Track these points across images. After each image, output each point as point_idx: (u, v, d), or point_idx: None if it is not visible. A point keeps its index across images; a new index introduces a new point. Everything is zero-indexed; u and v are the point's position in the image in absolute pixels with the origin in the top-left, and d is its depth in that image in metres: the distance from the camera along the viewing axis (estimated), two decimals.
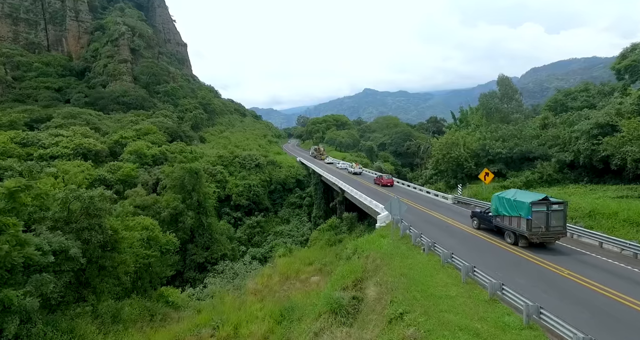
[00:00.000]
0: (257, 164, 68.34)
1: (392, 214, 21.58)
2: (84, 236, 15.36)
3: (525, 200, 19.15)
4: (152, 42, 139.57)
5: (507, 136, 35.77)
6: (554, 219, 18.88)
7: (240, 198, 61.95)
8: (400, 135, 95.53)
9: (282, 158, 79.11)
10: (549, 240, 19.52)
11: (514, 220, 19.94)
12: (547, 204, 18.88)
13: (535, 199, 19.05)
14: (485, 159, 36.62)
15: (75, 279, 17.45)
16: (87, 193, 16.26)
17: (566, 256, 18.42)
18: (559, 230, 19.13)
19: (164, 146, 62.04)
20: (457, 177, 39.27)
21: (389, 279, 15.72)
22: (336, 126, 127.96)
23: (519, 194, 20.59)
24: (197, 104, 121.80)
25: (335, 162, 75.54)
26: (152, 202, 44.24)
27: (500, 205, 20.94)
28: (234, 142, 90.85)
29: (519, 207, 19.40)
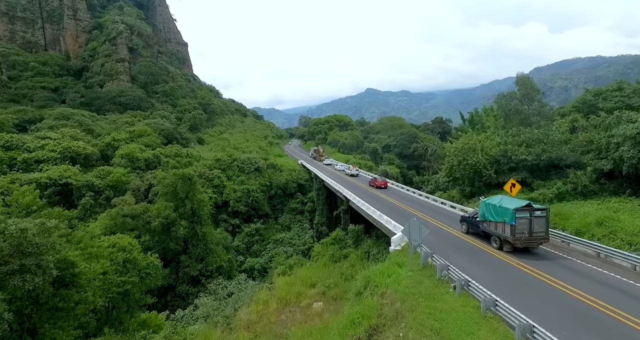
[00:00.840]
0: (257, 167, 64.59)
1: (412, 240, 17.77)
2: (14, 282, 11.71)
3: (509, 207, 19.60)
4: (151, 41, 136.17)
5: (531, 141, 31.78)
6: (537, 225, 19.36)
7: (239, 204, 58.22)
8: (405, 137, 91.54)
9: (283, 161, 75.38)
10: (532, 245, 19.95)
11: (499, 226, 20.46)
12: (530, 211, 19.34)
13: (518, 206, 19.51)
14: (506, 166, 32.68)
15: (18, 326, 13.71)
16: (17, 225, 12.48)
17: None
18: (541, 236, 19.59)
19: (158, 149, 58.37)
20: (473, 185, 35.36)
21: (415, 336, 11.93)
22: (339, 127, 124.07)
23: (505, 201, 20.91)
24: (197, 104, 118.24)
25: (333, 163, 75.20)
26: (141, 211, 40.56)
27: (487, 210, 21.44)
28: (233, 144, 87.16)
29: (504, 213, 19.84)
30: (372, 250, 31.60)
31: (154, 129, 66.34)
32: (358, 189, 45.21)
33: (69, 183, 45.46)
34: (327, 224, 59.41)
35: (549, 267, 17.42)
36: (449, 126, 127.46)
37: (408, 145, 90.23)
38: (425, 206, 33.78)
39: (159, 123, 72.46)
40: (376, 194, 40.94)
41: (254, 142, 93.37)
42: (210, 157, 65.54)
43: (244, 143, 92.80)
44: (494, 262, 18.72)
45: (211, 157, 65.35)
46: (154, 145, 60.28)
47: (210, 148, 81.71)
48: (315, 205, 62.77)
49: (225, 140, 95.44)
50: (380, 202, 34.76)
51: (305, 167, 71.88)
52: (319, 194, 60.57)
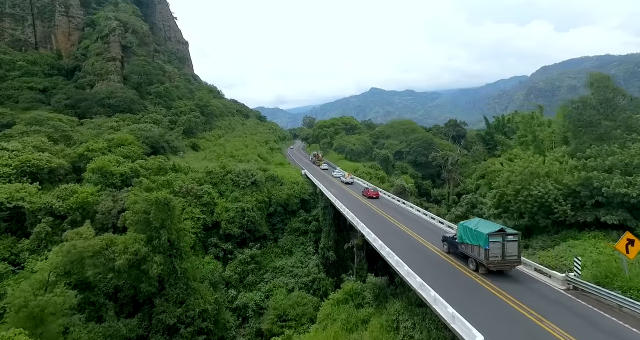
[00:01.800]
0: (254, 181, 55.48)
1: None
2: None
3: (483, 231, 20.33)
4: (147, 39, 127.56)
5: (629, 166, 22.29)
6: (509, 249, 20.00)
7: (231, 226, 49.15)
8: (419, 143, 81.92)
9: (285, 171, 66.20)
10: (505, 268, 20.46)
11: (475, 249, 21.13)
12: (502, 235, 20.09)
13: (492, 230, 20.22)
14: (591, 200, 23.24)
15: None
16: None
17: None
18: (514, 259, 20.24)
19: (138, 162, 49.42)
20: (536, 222, 25.91)
21: None
22: (345, 130, 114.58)
23: (480, 224, 21.65)
24: (194, 106, 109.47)
25: (330, 169, 74.05)
26: (102, 247, 31.69)
27: (464, 233, 22.09)
28: (229, 151, 78.11)
29: (479, 237, 20.59)
30: (401, 317, 22.35)
31: (137, 137, 57.45)
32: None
33: (20, 206, 36.74)
34: (335, 248, 50.27)
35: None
36: (463, 129, 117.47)
37: (423, 152, 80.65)
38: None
39: (145, 129, 63.56)
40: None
41: (253, 148, 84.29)
42: (201, 169, 56.56)
43: (242, 149, 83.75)
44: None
45: (202, 168, 56.37)
46: (135, 156, 51.37)
47: (204, 156, 72.75)
48: (321, 224, 53.59)
49: (222, 146, 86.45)
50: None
51: (309, 179, 62.71)
52: (325, 213, 51.38)
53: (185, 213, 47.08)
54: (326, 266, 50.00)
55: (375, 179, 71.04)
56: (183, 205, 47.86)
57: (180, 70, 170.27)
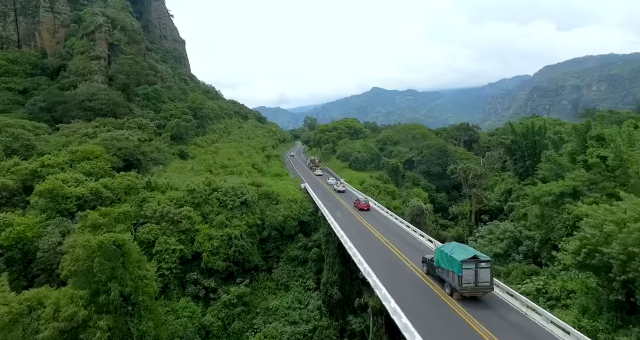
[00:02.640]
0: (244, 200, 46.31)
1: None
2: None
3: (457, 258, 20.18)
4: (138, 36, 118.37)
5: None
6: (482, 276, 20.04)
7: (215, 258, 40.06)
8: (432, 151, 72.54)
9: (281, 185, 56.98)
10: (478, 294, 20.37)
11: (450, 274, 20.92)
12: (476, 262, 20.01)
13: (465, 257, 20.11)
14: None
15: None
16: None
17: None
18: (486, 286, 20.29)
19: (103, 180, 40.37)
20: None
21: None
22: (349, 134, 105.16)
23: (456, 250, 21.53)
24: (186, 108, 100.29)
25: (325, 174, 72.18)
26: (20, 313, 22.69)
27: (441, 258, 22.20)
28: (220, 160, 68.91)
29: (453, 263, 20.43)
30: None
31: (108, 148, 48.30)
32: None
33: None
34: (340, 284, 41.18)
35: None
36: (475, 133, 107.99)
37: (436, 161, 71.32)
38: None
39: (119, 138, 54.21)
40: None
41: (247, 157, 75.01)
42: (183, 185, 47.42)
43: (235, 159, 74.67)
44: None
45: (185, 185, 47.24)
46: (100, 173, 42.27)
47: (192, 167, 63.56)
48: (323, 252, 44.49)
49: (214, 154, 77.31)
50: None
51: (310, 195, 53.58)
52: (329, 241, 42.25)
53: (158, 244, 38.06)
54: (329, 305, 40.90)
55: (384, 193, 61.88)
56: (155, 234, 38.87)
57: (176, 69, 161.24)
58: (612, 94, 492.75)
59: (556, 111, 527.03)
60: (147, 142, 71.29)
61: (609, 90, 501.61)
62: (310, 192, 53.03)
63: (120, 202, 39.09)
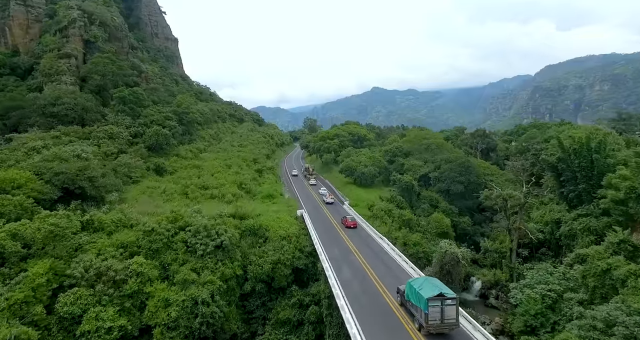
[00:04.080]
0: (220, 244, 34.41)
1: None
2: None
3: (424, 295, 20.59)
4: (120, 33, 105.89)
5: None
6: (448, 313, 20.35)
7: (173, 335, 28.19)
8: (453, 167, 60.34)
9: (272, 214, 44.84)
10: (443, 331, 20.66)
11: (418, 310, 21.38)
12: (442, 300, 20.34)
13: (431, 295, 20.43)
14: None
15: None
16: None
17: None
18: (452, 323, 20.58)
19: (12, 225, 28.36)
20: None
21: None
22: (352, 141, 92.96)
23: (424, 286, 21.70)
24: (171, 113, 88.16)
25: (319, 184, 70.28)
26: None
27: (410, 292, 22.38)
28: (201, 179, 56.59)
29: (420, 299, 20.88)
30: None
31: (41, 172, 36.09)
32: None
33: None
34: None
35: None
36: (493, 141, 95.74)
37: (458, 179, 59.17)
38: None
39: (66, 155, 41.83)
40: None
41: (235, 174, 62.62)
42: (142, 221, 35.40)
43: (221, 174, 62.60)
44: None
45: (143, 221, 35.23)
46: (15, 213, 30.25)
47: (163, 189, 51.37)
48: (323, 315, 32.64)
49: (197, 168, 65.13)
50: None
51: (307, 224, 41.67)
52: (331, 306, 30.37)
53: (86, 320, 26.05)
54: None
55: (398, 220, 49.87)
56: (85, 303, 26.86)
57: (167, 69, 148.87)
58: (615, 93, 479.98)
59: (558, 111, 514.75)
60: (113, 156, 59.32)
61: (612, 90, 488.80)
62: (309, 227, 40.98)
63: (34, 257, 27.10)
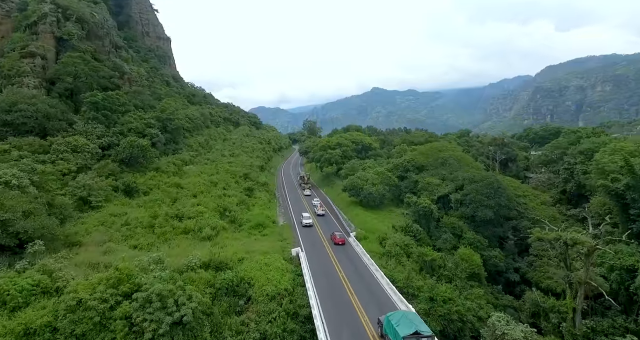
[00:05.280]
0: (180, 319, 23.90)
1: None
2: None
3: (400, 333, 20.22)
4: (101, 30, 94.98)
5: None
6: None
7: None
8: (479, 188, 49.59)
9: (259, 256, 34.30)
10: None
11: None
12: (417, 337, 20.14)
13: (407, 333, 20.10)
14: None
15: None
16: None
17: None
18: None
19: None
20: None
21: None
22: (356, 151, 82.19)
23: (401, 322, 21.25)
24: (153, 119, 77.47)
25: (313, 194, 69.00)
26: None
27: (388, 327, 21.87)
28: (173, 209, 45.57)
29: (397, 336, 20.46)
30: None
31: None
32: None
33: None
34: None
35: None
36: (512, 150, 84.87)
37: (486, 203, 48.45)
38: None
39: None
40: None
41: (219, 197, 51.37)
42: (70, 287, 24.87)
43: (203, 194, 51.95)
44: None
45: (72, 286, 24.70)
46: None
47: (125, 221, 40.76)
48: None
49: (177, 188, 54.33)
50: None
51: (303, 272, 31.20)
52: None
53: None
54: None
55: (418, 260, 39.30)
56: None
57: (158, 70, 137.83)
58: (617, 94, 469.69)
59: (560, 112, 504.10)
60: (71, 176, 48.59)
61: (614, 91, 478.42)
62: (307, 284, 30.26)
63: None
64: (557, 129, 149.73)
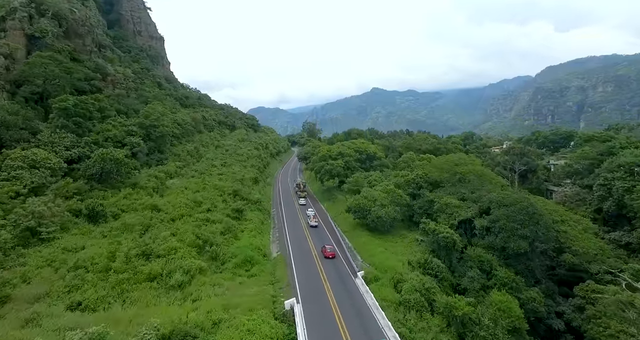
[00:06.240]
0: None
1: None
2: None
3: None
4: (82, 28, 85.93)
5: None
6: None
7: None
8: (510, 214, 40.81)
9: (240, 320, 25.85)
10: None
11: None
12: None
13: None
14: None
15: None
16: None
17: None
18: None
19: None
20: None
21: None
22: (360, 161, 73.29)
23: None
24: (136, 126, 68.63)
25: (308, 204, 65.79)
26: None
27: None
28: (140, 244, 36.76)
29: None
30: None
31: None
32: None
33: None
34: None
35: None
36: (532, 160, 75.88)
37: (519, 232, 39.69)
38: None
39: None
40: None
41: (199, 226, 42.62)
42: None
43: (184, 217, 43.28)
44: None
45: None
46: None
47: (74, 263, 32.20)
48: None
49: (152, 211, 45.48)
50: None
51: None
52: None
53: None
54: None
55: (442, 311, 30.59)
56: None
57: (150, 71, 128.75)
58: (618, 95, 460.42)
59: (561, 113, 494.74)
60: (20, 199, 39.79)
61: (616, 92, 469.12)
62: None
63: None
64: (568, 132, 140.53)
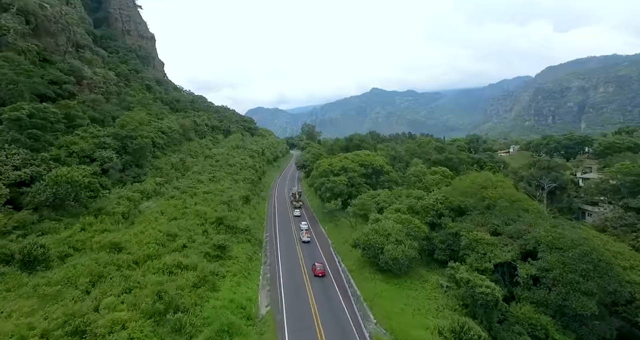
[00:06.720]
0: None
1: None
2: None
3: None
4: (54, 25, 76.06)
5: None
6: None
7: None
8: (568, 261, 31.33)
9: None
10: None
11: None
12: None
13: None
14: None
15: None
16: None
17: None
18: None
19: None
20: None
21: None
22: (365, 176, 63.75)
23: None
24: (110, 137, 59.01)
25: (303, 216, 64.46)
26: None
27: None
28: (73, 308, 27.35)
29: None
30: None
31: None
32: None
33: None
34: None
35: None
36: (562, 175, 66.24)
37: (583, 286, 30.25)
38: None
39: None
40: None
41: (170, 273, 33.07)
42: None
43: (148, 266, 33.78)
44: None
45: None
46: None
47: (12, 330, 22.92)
48: None
49: (110, 252, 35.88)
50: None
51: None
52: None
53: None
54: None
55: None
56: None
57: (139, 72, 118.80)
58: (619, 95, 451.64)
59: (561, 113, 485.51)
60: None
61: (617, 92, 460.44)
62: None
63: None
64: (583, 137, 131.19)
